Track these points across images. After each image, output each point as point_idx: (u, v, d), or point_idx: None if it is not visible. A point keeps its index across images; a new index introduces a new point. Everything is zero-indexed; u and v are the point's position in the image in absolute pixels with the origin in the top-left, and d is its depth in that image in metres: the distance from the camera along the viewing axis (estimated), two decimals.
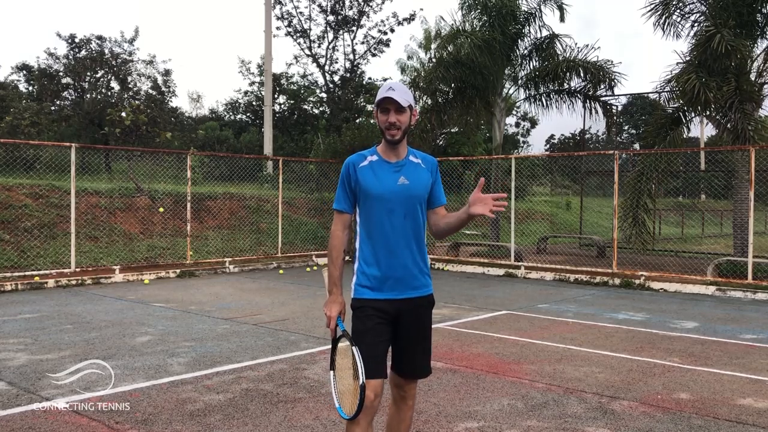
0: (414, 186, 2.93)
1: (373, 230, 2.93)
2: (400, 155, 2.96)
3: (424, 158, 3.04)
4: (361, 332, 2.88)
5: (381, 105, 2.86)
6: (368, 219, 2.94)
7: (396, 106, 2.84)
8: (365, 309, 2.92)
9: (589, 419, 4.34)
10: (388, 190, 2.89)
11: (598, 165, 20.93)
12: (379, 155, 2.97)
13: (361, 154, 2.99)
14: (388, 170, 2.92)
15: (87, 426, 4.13)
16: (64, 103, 23.81)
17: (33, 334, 6.84)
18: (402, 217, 2.90)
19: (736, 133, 12.15)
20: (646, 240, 12.67)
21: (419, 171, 2.97)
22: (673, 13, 13.72)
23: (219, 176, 18.20)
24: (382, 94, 2.84)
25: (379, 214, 2.90)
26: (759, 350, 6.50)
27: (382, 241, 2.92)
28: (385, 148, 2.96)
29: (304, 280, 12.02)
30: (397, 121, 2.85)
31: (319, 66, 31.04)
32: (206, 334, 6.95)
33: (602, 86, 16.37)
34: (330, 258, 3.03)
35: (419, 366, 3.03)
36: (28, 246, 11.94)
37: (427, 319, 3.03)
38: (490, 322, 7.88)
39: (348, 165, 2.96)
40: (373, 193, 2.89)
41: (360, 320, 2.92)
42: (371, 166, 2.93)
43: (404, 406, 3.07)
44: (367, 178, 2.91)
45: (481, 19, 16.69)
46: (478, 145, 28.70)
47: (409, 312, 2.95)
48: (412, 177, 2.93)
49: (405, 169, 2.94)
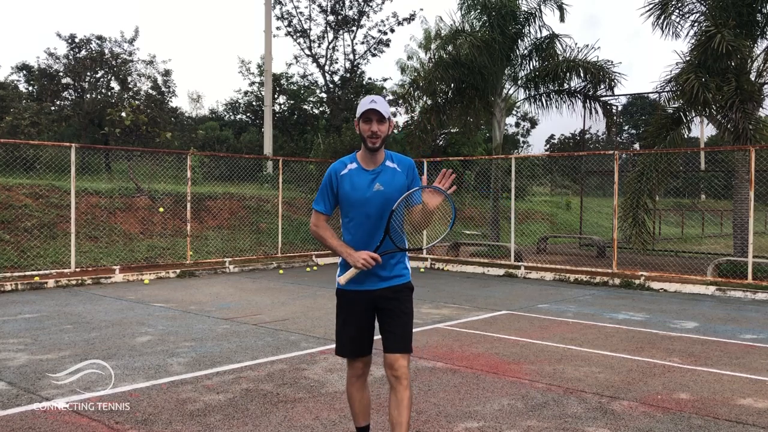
0: (388, 191, 3.24)
1: (352, 231, 3.30)
2: (378, 161, 3.28)
3: (400, 161, 3.33)
4: (343, 319, 3.37)
5: (365, 115, 3.17)
6: (349, 221, 3.31)
7: (378, 116, 3.16)
8: (346, 299, 3.36)
9: (589, 419, 4.34)
10: (364, 197, 3.23)
11: (598, 165, 20.93)
12: (358, 163, 3.30)
13: (341, 162, 3.33)
14: (365, 178, 3.26)
15: (87, 426, 4.13)
16: (64, 103, 23.81)
17: (33, 334, 6.84)
18: (378, 218, 3.25)
19: (736, 133, 12.15)
20: (646, 240, 12.67)
21: (395, 175, 3.28)
22: (671, 13, 13.72)
23: (219, 176, 18.21)
24: (366, 106, 3.16)
25: (358, 217, 3.27)
26: (759, 350, 6.50)
27: (360, 240, 3.28)
28: (365, 155, 3.27)
29: (304, 280, 12.02)
30: (378, 130, 3.17)
31: (319, 66, 31.05)
32: (206, 334, 6.95)
33: (602, 86, 16.37)
34: (324, 237, 3.37)
35: (398, 339, 3.24)
36: (28, 246, 11.94)
37: (404, 298, 3.32)
38: (490, 322, 7.88)
39: (330, 173, 3.32)
40: (350, 199, 3.26)
41: (342, 309, 3.38)
42: (350, 174, 3.28)
43: (399, 386, 3.21)
44: (346, 185, 3.27)
45: (481, 19, 16.69)
46: (478, 145, 28.69)
47: (385, 298, 3.30)
48: (387, 182, 3.26)
49: (381, 175, 3.27)
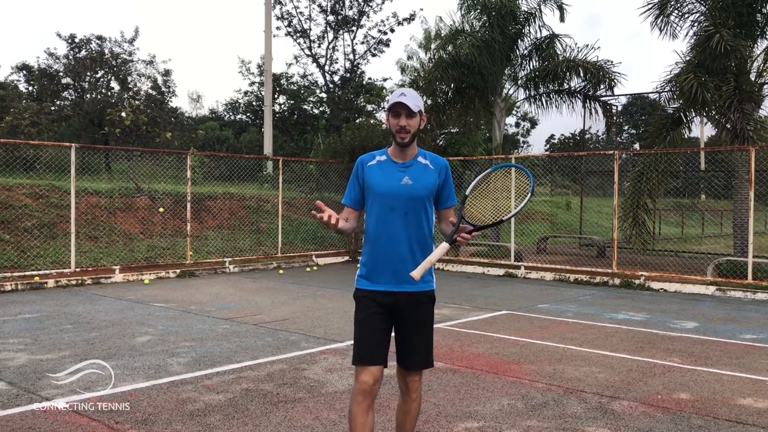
0: (417, 187, 3.06)
1: (375, 225, 3.09)
2: (408, 157, 3.11)
3: (434, 160, 3.17)
4: (358, 320, 3.09)
5: (393, 109, 3.00)
6: (372, 215, 3.12)
7: (407, 110, 2.99)
8: (363, 299, 3.11)
9: (589, 419, 4.34)
10: (390, 189, 3.05)
11: (598, 165, 20.92)
12: (388, 156, 3.14)
13: (371, 154, 3.19)
14: (393, 169, 3.09)
15: (87, 426, 4.13)
16: (64, 103, 23.81)
17: (33, 334, 6.84)
18: (403, 214, 3.05)
19: (735, 133, 12.15)
20: (646, 240, 12.66)
21: (426, 172, 3.10)
22: (670, 13, 13.71)
23: (219, 176, 18.19)
24: (395, 99, 2.99)
25: (381, 210, 3.06)
26: (759, 350, 6.51)
27: (382, 235, 3.07)
28: (395, 150, 3.11)
29: (304, 280, 12.02)
30: (408, 125, 3.01)
31: (319, 66, 31.04)
32: (206, 334, 6.95)
33: (602, 86, 16.37)
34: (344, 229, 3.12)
35: (416, 358, 3.11)
36: (28, 246, 11.94)
37: (425, 313, 3.12)
38: (490, 322, 7.88)
39: (358, 163, 3.17)
40: (376, 190, 3.07)
41: (359, 309, 3.12)
42: (379, 165, 3.12)
43: (408, 398, 3.17)
44: (373, 175, 3.10)
45: (481, 20, 16.70)
46: (478, 145, 28.65)
47: (407, 305, 3.07)
48: (416, 178, 3.07)
49: (411, 169, 3.09)
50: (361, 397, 2.99)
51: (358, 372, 3.01)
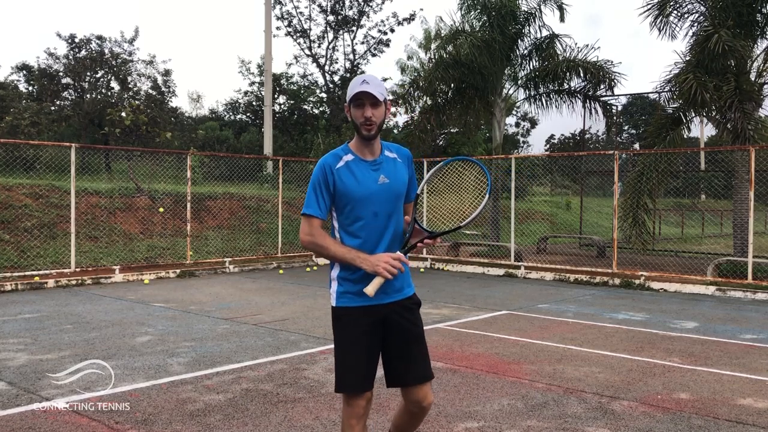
0: (395, 184, 2.79)
1: (356, 234, 2.74)
2: (376, 152, 2.79)
3: (399, 151, 2.89)
4: (348, 341, 2.75)
5: (355, 99, 2.67)
6: (351, 223, 2.75)
7: (372, 100, 2.66)
8: (349, 318, 2.76)
9: (589, 419, 4.34)
10: (368, 191, 2.72)
11: (598, 165, 20.93)
12: (354, 153, 2.77)
13: (334, 155, 2.78)
14: (366, 169, 2.75)
15: (87, 426, 4.13)
16: (64, 103, 23.82)
17: (33, 334, 6.84)
18: (386, 218, 2.76)
19: (735, 133, 12.16)
20: (646, 240, 12.67)
21: (397, 166, 2.83)
22: (669, 14, 13.72)
23: (219, 176, 18.20)
24: (357, 87, 2.65)
25: (363, 217, 2.73)
26: (759, 350, 6.50)
27: (365, 244, 2.73)
28: (359, 145, 2.78)
29: (304, 280, 12.02)
30: (373, 115, 2.67)
31: (319, 66, 31.06)
32: (206, 334, 6.95)
33: (602, 86, 16.39)
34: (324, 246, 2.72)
35: (423, 367, 2.85)
36: (28, 246, 11.94)
37: (417, 320, 2.89)
38: (490, 322, 7.88)
39: (323, 167, 2.73)
40: (354, 195, 2.71)
41: (343, 331, 2.77)
42: (348, 166, 2.74)
43: (421, 414, 2.95)
44: (346, 180, 2.71)
45: (481, 20, 16.70)
46: (478, 145, 28.67)
47: (397, 316, 2.82)
48: (391, 174, 2.79)
49: (383, 166, 2.79)
50: (355, 421, 2.72)
51: (350, 398, 2.73)
